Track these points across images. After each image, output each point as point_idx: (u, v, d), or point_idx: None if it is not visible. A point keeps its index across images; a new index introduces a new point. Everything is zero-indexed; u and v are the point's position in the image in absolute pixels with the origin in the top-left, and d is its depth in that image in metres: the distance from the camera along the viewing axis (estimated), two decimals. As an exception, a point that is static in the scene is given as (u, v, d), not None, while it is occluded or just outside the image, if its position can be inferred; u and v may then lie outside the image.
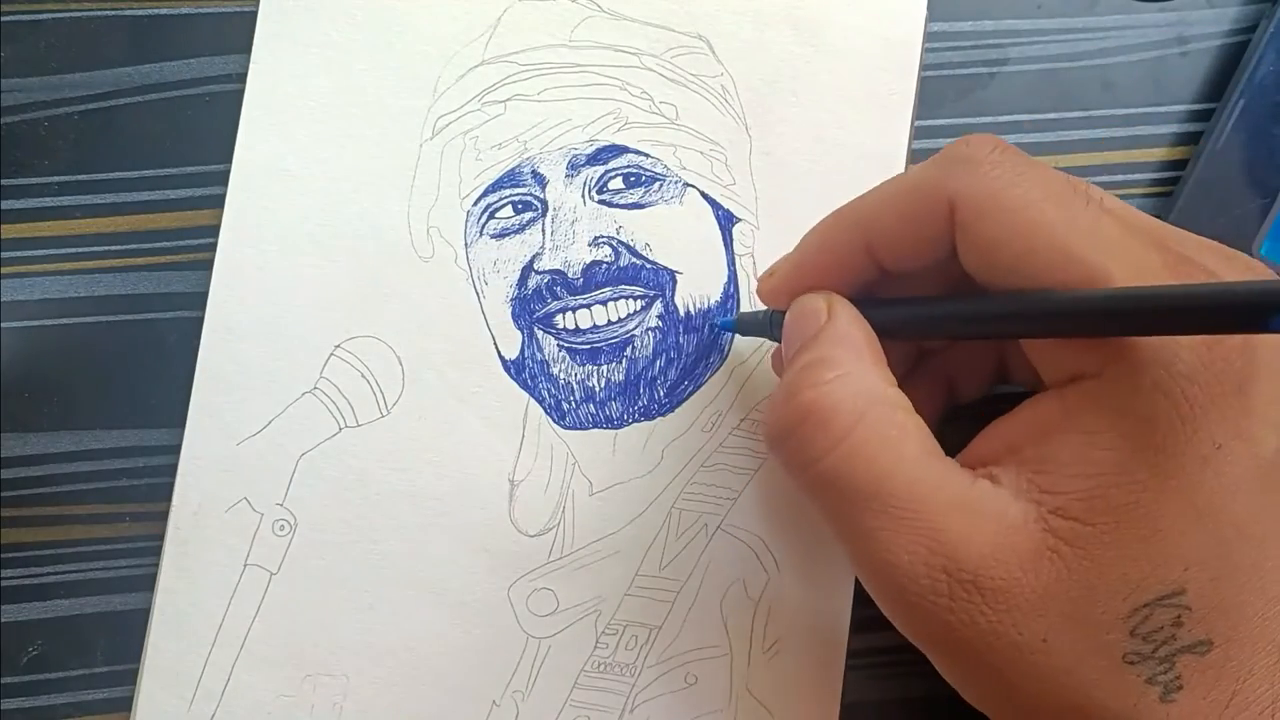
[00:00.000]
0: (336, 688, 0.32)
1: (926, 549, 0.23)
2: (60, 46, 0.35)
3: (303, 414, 0.33)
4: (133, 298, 0.34)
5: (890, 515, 0.23)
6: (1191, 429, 0.22)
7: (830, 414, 0.24)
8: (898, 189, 0.26)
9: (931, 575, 0.23)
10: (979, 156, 0.24)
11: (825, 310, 0.26)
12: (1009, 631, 0.22)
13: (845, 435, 0.24)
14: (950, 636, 0.23)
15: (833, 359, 0.25)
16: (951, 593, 0.22)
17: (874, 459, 0.23)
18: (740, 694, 0.32)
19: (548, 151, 0.34)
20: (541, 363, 0.33)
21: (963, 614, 0.22)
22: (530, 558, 0.33)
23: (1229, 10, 0.35)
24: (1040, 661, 0.22)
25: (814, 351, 0.25)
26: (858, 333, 0.26)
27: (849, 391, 0.24)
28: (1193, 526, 0.22)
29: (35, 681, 0.32)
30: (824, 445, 0.24)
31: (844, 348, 0.25)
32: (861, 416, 0.24)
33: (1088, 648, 0.22)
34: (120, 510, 0.33)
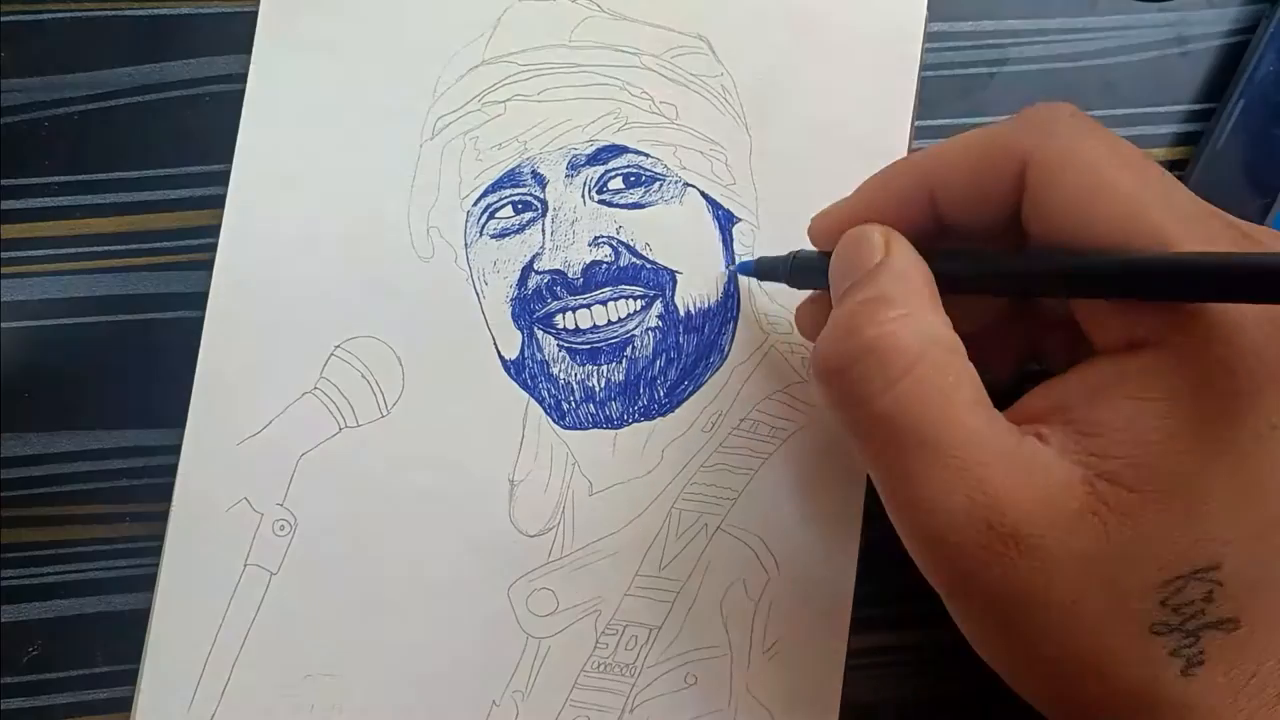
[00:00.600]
0: (336, 688, 0.32)
1: (970, 498, 0.22)
2: (60, 46, 0.35)
3: (303, 414, 0.33)
4: (133, 298, 0.34)
5: (939, 461, 0.23)
6: (1248, 405, 0.22)
7: (891, 353, 0.23)
8: (970, 142, 0.26)
9: (973, 524, 0.22)
10: (1057, 118, 0.25)
11: (882, 245, 0.26)
12: (1041, 589, 0.22)
13: (903, 375, 0.23)
14: (981, 587, 0.23)
15: (894, 296, 0.24)
16: (990, 543, 0.22)
17: (929, 402, 0.23)
18: (740, 694, 0.32)
19: (548, 151, 0.34)
20: (541, 363, 0.33)
21: (998, 566, 0.22)
22: (530, 558, 0.33)
23: (1229, 10, 0.35)
24: (1067, 622, 0.22)
25: (874, 287, 0.25)
26: (916, 272, 0.25)
27: (910, 331, 0.24)
28: (1238, 503, 0.22)
29: (35, 681, 0.32)
30: (880, 384, 0.23)
31: (904, 285, 0.25)
32: (921, 358, 0.23)
33: (1117, 613, 0.22)
34: (120, 510, 0.33)
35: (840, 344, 0.24)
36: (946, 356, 0.24)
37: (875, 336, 0.24)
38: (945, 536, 0.23)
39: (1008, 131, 0.25)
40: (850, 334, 0.24)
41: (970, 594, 0.23)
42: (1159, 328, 0.23)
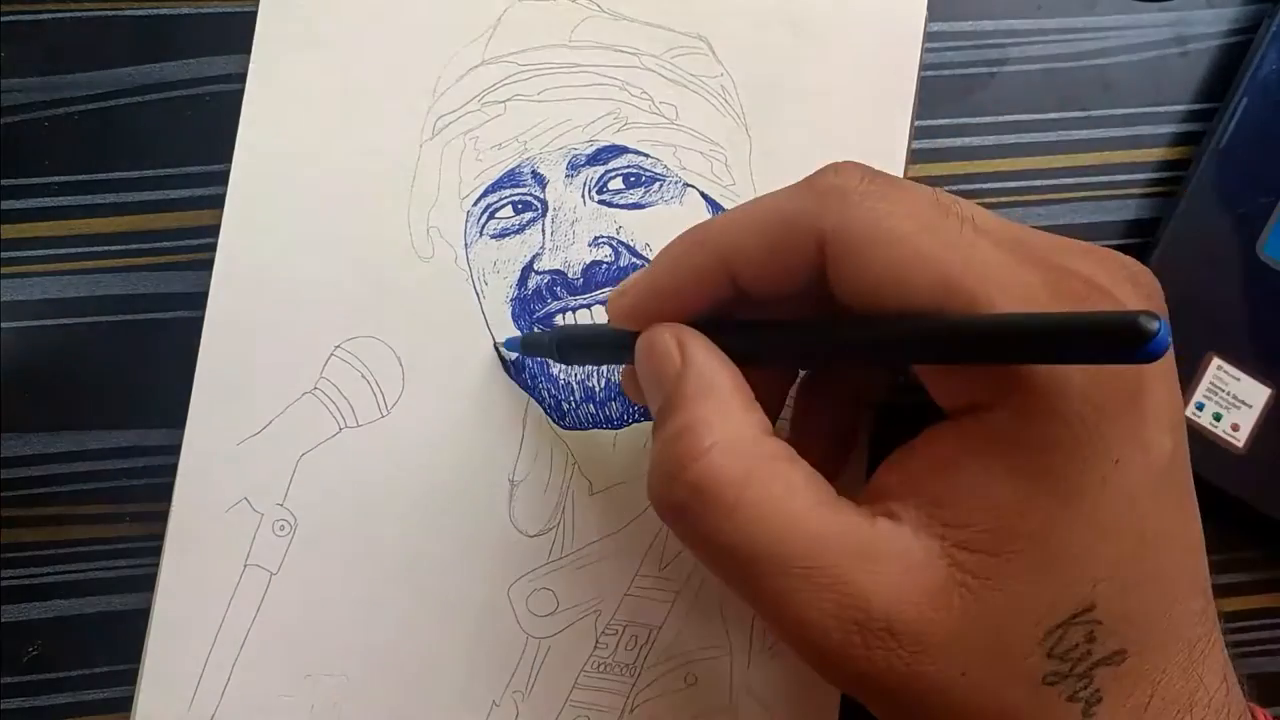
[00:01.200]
0: (336, 688, 0.32)
1: (835, 603, 0.22)
2: (60, 46, 0.35)
3: (303, 414, 0.33)
4: (133, 298, 0.34)
5: (793, 575, 0.22)
6: (1089, 450, 0.22)
7: (716, 488, 0.23)
8: (763, 218, 0.25)
9: (844, 628, 0.22)
10: (849, 187, 0.24)
11: (677, 350, 0.25)
12: (927, 670, 0.22)
13: (735, 506, 0.23)
14: (871, 684, 0.23)
15: (701, 422, 0.24)
16: (866, 642, 0.22)
17: (767, 521, 0.23)
18: (740, 694, 0.32)
19: (548, 152, 0.34)
20: (541, 363, 0.33)
21: (880, 661, 0.22)
22: (530, 558, 0.33)
23: (1229, 10, 0.35)
24: (962, 695, 0.22)
25: (681, 415, 0.24)
26: (720, 377, 0.24)
27: (730, 457, 0.23)
28: (1097, 544, 0.22)
29: (35, 681, 0.33)
30: (715, 520, 0.23)
31: (709, 403, 0.24)
32: (747, 481, 0.23)
33: (1007, 675, 0.22)
34: (120, 510, 0.33)
35: (666, 489, 0.24)
36: (771, 467, 0.23)
37: (697, 477, 0.23)
38: (822, 644, 0.22)
39: (802, 205, 0.24)
40: (672, 478, 0.24)
41: (865, 691, 0.23)
42: (990, 391, 0.22)
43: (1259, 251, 0.33)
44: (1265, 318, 0.33)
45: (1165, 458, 0.22)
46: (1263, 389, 0.33)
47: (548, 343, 0.29)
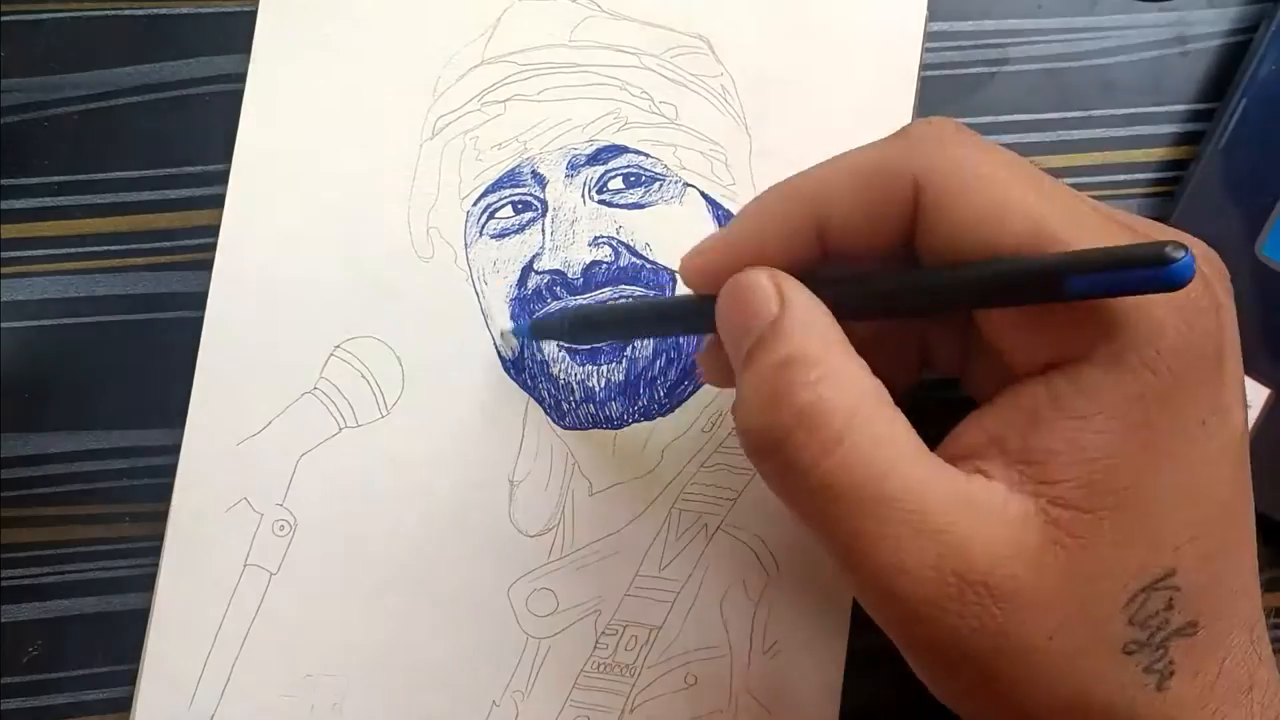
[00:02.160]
0: (336, 688, 0.32)
1: (935, 552, 0.22)
2: (60, 46, 0.35)
3: (303, 414, 0.33)
4: (133, 298, 0.34)
5: (893, 519, 0.22)
6: (1180, 405, 0.22)
7: (823, 418, 0.22)
8: (857, 165, 0.25)
9: (942, 579, 0.22)
10: (944, 135, 0.24)
11: (775, 293, 0.24)
12: (1017, 631, 0.22)
13: (841, 439, 0.22)
14: (955, 642, 0.22)
15: (809, 354, 0.23)
16: (962, 596, 0.22)
17: (871, 461, 0.22)
18: (740, 694, 0.32)
19: (547, 151, 0.34)
20: (541, 363, 0.33)
21: (972, 618, 0.22)
22: (530, 558, 0.33)
23: (1229, 10, 0.35)
24: (1044, 660, 0.22)
25: (783, 345, 0.23)
26: (821, 318, 0.24)
27: (837, 390, 0.23)
28: (1183, 506, 0.22)
29: (35, 681, 0.33)
30: (818, 452, 0.22)
31: (815, 338, 0.23)
32: (854, 416, 0.22)
33: (1090, 641, 0.22)
34: (120, 510, 0.33)
35: (767, 418, 0.23)
36: (877, 408, 0.23)
37: (803, 405, 0.22)
38: (914, 594, 0.22)
39: (893, 151, 0.24)
40: (775, 406, 0.23)
41: (944, 650, 0.23)
42: (1080, 342, 0.22)
43: (1258, 252, 0.33)
44: (1265, 318, 0.33)
45: (1240, 428, 0.22)
46: (1262, 389, 0.33)
47: (559, 323, 0.29)
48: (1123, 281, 0.21)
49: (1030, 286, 0.22)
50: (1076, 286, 0.21)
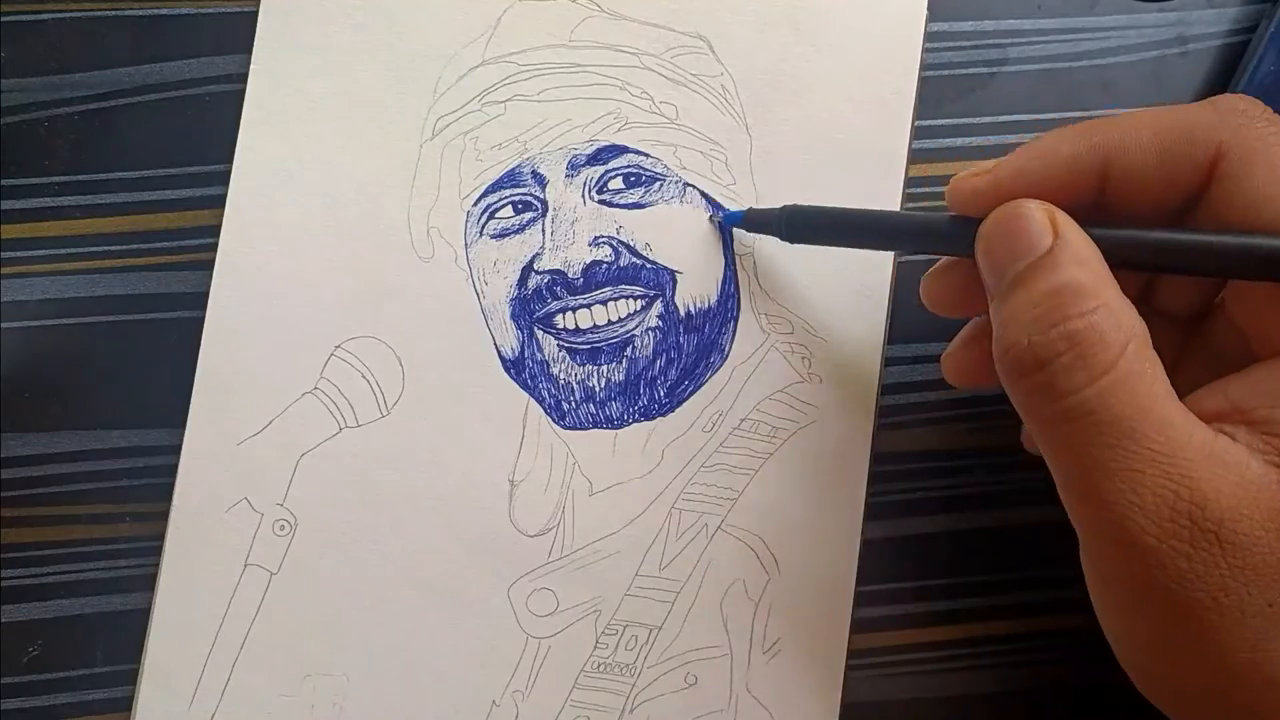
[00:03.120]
0: (336, 688, 0.32)
1: (1174, 493, 0.22)
2: (60, 46, 0.35)
3: (303, 414, 0.33)
4: (133, 298, 0.34)
5: (1142, 454, 0.22)
6: None
7: (1096, 345, 0.23)
8: (1162, 120, 0.25)
9: (1175, 519, 0.22)
10: (1253, 113, 0.24)
11: (1049, 226, 0.24)
12: (1240, 589, 0.22)
13: (1109, 368, 0.23)
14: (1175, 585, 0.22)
15: (1086, 285, 0.23)
16: (1193, 539, 0.22)
17: (1133, 395, 0.23)
18: (740, 694, 0.32)
19: (548, 152, 0.34)
20: (541, 363, 0.33)
21: (1199, 564, 0.22)
22: (530, 558, 0.33)
23: (1229, 10, 0.35)
24: (1259, 628, 0.22)
25: (1060, 273, 0.24)
26: (1095, 255, 0.24)
27: (1111, 322, 0.23)
28: None
29: (35, 681, 0.32)
30: (1084, 377, 0.23)
31: (1091, 272, 0.24)
32: (1123, 350, 0.23)
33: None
34: (120, 510, 0.33)
35: (1039, 337, 0.23)
36: (1144, 348, 0.23)
37: (1079, 329, 0.23)
38: (1144, 529, 0.22)
39: (1200, 117, 0.25)
40: (1050, 325, 0.23)
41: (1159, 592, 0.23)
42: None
43: (1259, 251, 0.33)
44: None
45: None
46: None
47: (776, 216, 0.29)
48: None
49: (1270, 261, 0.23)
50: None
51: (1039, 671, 0.33)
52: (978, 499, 0.33)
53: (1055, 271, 0.24)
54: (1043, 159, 0.26)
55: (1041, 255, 0.24)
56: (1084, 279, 0.24)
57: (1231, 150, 0.24)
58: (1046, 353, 0.23)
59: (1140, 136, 0.25)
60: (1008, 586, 0.33)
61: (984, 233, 0.26)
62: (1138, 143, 0.25)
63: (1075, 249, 0.24)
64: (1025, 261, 0.24)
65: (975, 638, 0.33)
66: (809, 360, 0.33)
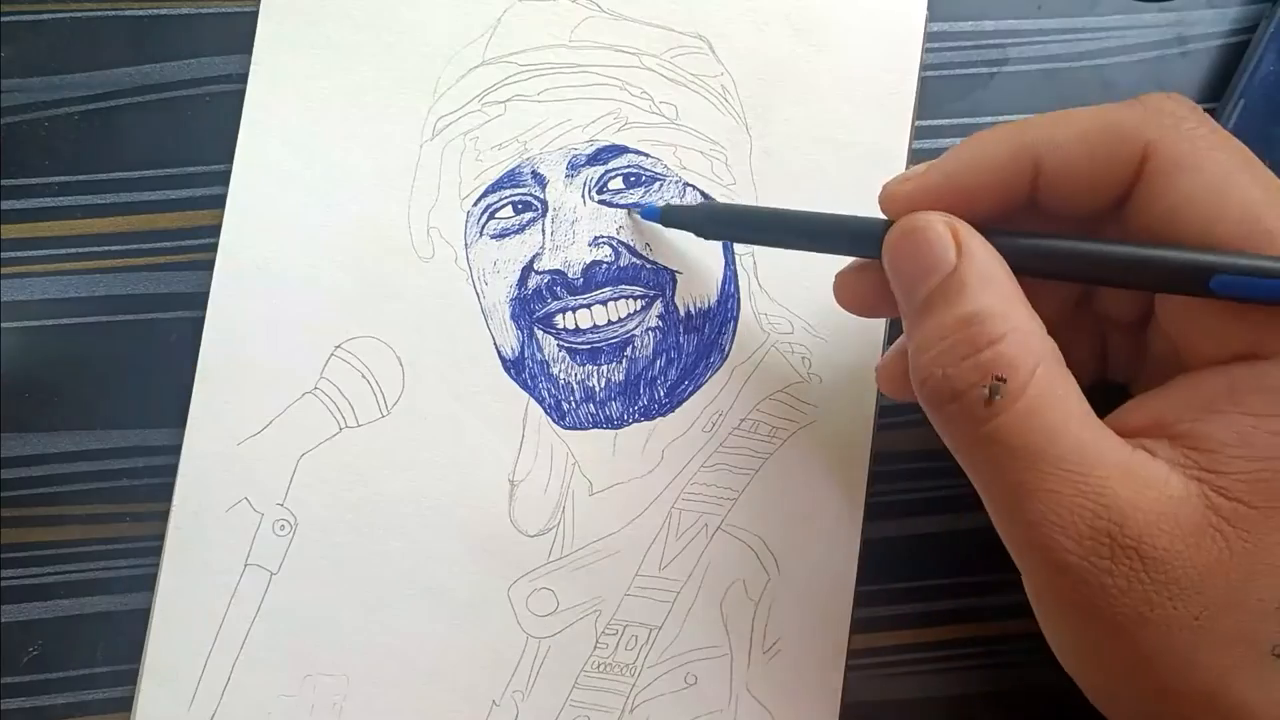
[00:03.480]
0: (336, 688, 0.32)
1: (1092, 511, 0.22)
2: (60, 46, 0.35)
3: (303, 414, 0.33)
4: (133, 298, 0.34)
5: (1058, 475, 0.22)
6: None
7: (1008, 372, 0.23)
8: (1089, 119, 0.25)
9: (1095, 537, 0.22)
10: (1182, 113, 0.24)
11: (952, 241, 0.24)
12: (1164, 603, 0.22)
13: (1020, 394, 0.23)
14: (1099, 602, 0.22)
15: (993, 312, 0.24)
16: (1114, 556, 0.22)
17: (1044, 418, 0.23)
18: (740, 694, 0.32)
19: (548, 152, 0.34)
20: (541, 363, 0.33)
21: (1120, 579, 0.22)
22: (530, 558, 0.33)
23: (1229, 10, 0.35)
24: (1187, 640, 0.22)
25: (967, 301, 0.24)
26: (1000, 271, 0.24)
27: (1021, 348, 0.23)
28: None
29: (35, 681, 0.32)
30: (997, 405, 0.23)
31: (995, 293, 0.24)
32: (1033, 374, 0.23)
33: (1238, 634, 0.22)
34: (120, 510, 0.33)
35: (954, 370, 0.24)
36: (1055, 368, 0.24)
37: (987, 360, 0.23)
38: (1065, 550, 0.22)
39: (1129, 116, 0.25)
40: (960, 358, 0.24)
41: (1085, 610, 0.23)
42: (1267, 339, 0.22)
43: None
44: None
45: None
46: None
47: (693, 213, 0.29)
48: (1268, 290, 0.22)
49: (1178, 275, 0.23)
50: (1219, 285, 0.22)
51: (1039, 671, 0.33)
52: (977, 499, 0.33)
53: (962, 297, 0.24)
54: (973, 161, 0.26)
55: (947, 275, 0.24)
56: (991, 304, 0.24)
57: (1159, 150, 0.24)
58: (960, 384, 0.24)
59: (1070, 134, 0.25)
60: (1008, 586, 0.33)
61: (888, 247, 0.26)
62: (1067, 141, 0.25)
63: (980, 266, 0.24)
64: (931, 283, 0.24)
65: (975, 638, 0.33)
66: (809, 360, 0.33)
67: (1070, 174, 0.25)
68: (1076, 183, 0.25)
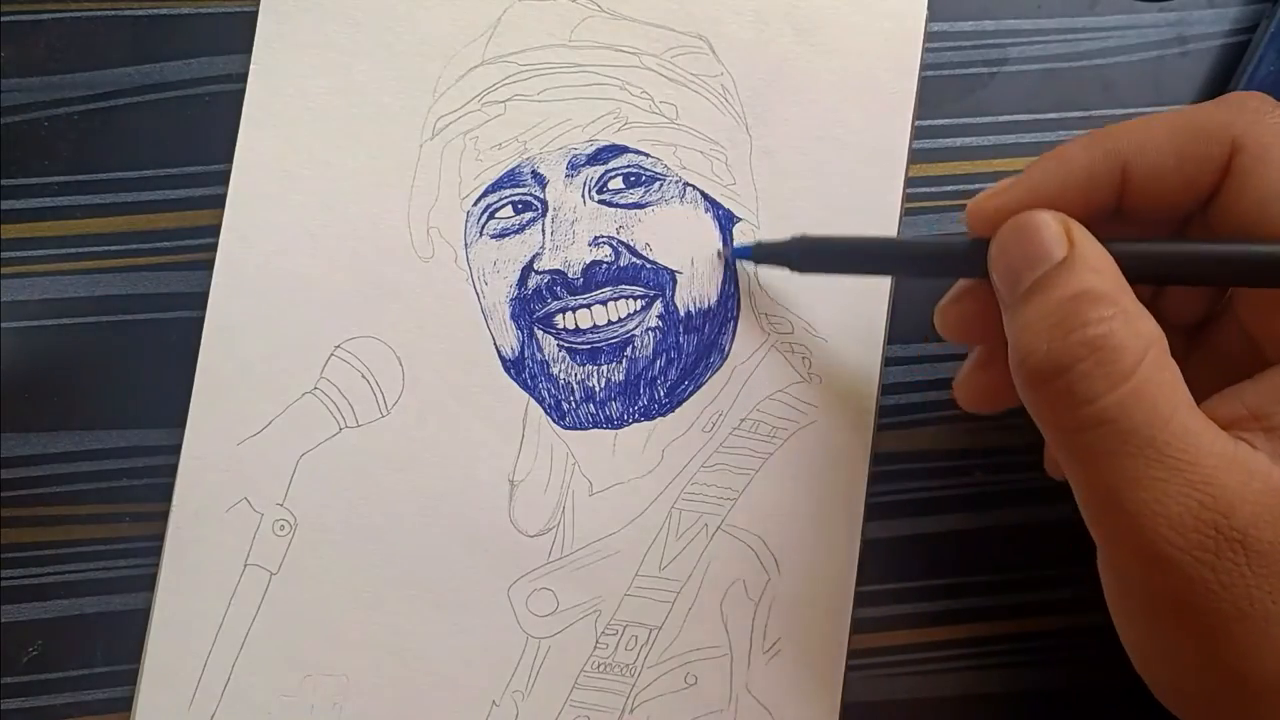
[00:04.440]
0: (336, 688, 0.32)
1: (1199, 501, 0.22)
2: (60, 46, 0.35)
3: (303, 414, 0.33)
4: (133, 298, 0.34)
5: (1165, 462, 0.22)
6: None
7: (1116, 352, 0.22)
8: (1176, 121, 0.25)
9: (1200, 529, 0.22)
10: (1265, 108, 0.24)
11: (1063, 235, 0.24)
12: (1264, 596, 0.22)
13: (1129, 375, 0.22)
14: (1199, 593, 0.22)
15: (1104, 292, 0.23)
16: (1218, 549, 0.22)
17: (1154, 402, 0.22)
18: (740, 694, 0.32)
19: (548, 151, 0.34)
20: (541, 363, 0.33)
21: (1224, 573, 0.22)
22: (530, 558, 0.33)
23: (1229, 10, 0.35)
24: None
25: (1076, 281, 0.23)
26: (1110, 264, 0.24)
27: (1130, 329, 0.23)
28: None
29: (35, 681, 0.32)
30: (1105, 384, 0.22)
31: (1107, 279, 0.23)
32: (1143, 357, 0.22)
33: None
34: (120, 510, 0.33)
35: (1058, 344, 0.23)
36: (1163, 355, 0.23)
37: (1098, 335, 0.23)
38: (1168, 540, 0.22)
39: (1218, 113, 0.24)
40: (1068, 332, 0.23)
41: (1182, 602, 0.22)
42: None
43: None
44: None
45: None
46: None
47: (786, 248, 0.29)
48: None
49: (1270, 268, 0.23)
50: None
51: (1039, 672, 0.33)
52: (977, 499, 0.33)
53: (1072, 278, 0.24)
54: (1059, 171, 0.26)
55: (1057, 263, 0.24)
56: (1101, 285, 0.23)
57: (1246, 145, 0.24)
58: (1066, 359, 0.23)
59: (1156, 138, 0.25)
60: (1008, 586, 0.33)
61: (998, 242, 0.25)
62: (1154, 145, 0.25)
63: (1090, 257, 0.24)
64: (1040, 270, 0.24)
65: (975, 638, 0.33)
66: (809, 360, 0.33)
67: (1159, 177, 0.25)
68: (1166, 185, 0.25)
